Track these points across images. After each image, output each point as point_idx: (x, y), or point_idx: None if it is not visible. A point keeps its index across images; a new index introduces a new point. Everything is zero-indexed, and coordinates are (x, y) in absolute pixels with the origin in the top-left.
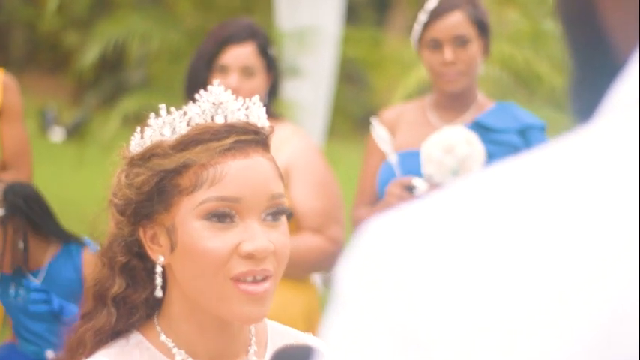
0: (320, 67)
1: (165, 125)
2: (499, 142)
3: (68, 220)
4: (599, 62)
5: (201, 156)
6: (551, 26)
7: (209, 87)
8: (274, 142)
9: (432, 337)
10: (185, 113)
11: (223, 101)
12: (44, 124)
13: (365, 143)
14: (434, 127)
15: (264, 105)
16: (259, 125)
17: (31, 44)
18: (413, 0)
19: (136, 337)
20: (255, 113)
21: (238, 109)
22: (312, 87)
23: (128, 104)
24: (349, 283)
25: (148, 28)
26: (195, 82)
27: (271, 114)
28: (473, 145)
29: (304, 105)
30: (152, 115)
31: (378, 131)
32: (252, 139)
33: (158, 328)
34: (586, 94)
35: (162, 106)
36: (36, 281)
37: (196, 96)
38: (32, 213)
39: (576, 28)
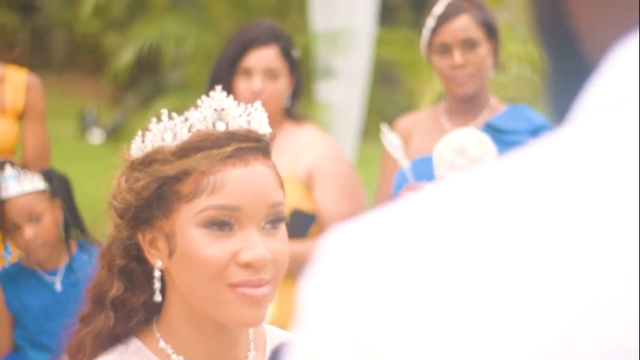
0: (354, 68)
1: (167, 130)
2: (511, 143)
3: (105, 220)
4: (572, 66)
5: (202, 163)
6: None
7: (211, 93)
8: (298, 144)
9: (390, 349)
10: (187, 119)
11: (225, 107)
12: (84, 125)
13: None
14: (447, 133)
15: (288, 107)
16: (261, 132)
17: (71, 46)
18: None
19: (135, 344)
20: (257, 119)
21: (240, 116)
22: (346, 88)
23: (165, 105)
24: (312, 296)
25: (183, 29)
26: (219, 85)
27: (295, 116)
28: (485, 146)
29: (338, 106)
30: (153, 119)
31: (389, 138)
32: (253, 146)
33: (157, 334)
34: (559, 98)
35: (164, 111)
36: (54, 281)
37: (198, 102)
38: (69, 200)
39: (548, 32)
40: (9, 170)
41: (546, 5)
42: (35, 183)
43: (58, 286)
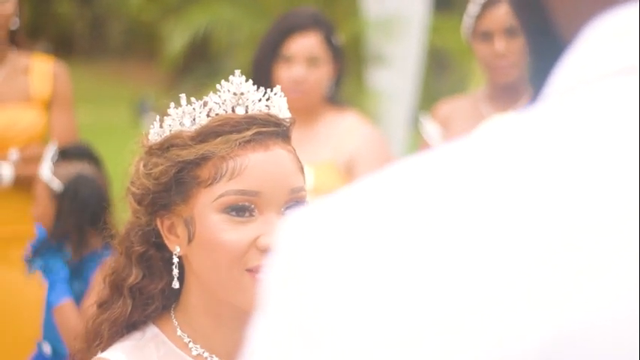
0: (407, 56)
1: (186, 115)
2: None
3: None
4: (548, 45)
5: (221, 148)
6: None
7: (230, 77)
8: (340, 131)
9: (337, 337)
10: (205, 103)
11: (244, 92)
12: (140, 112)
13: None
14: (486, 119)
15: (331, 95)
16: (280, 116)
17: (127, 34)
18: None
19: (151, 331)
20: (277, 104)
21: (259, 100)
22: (398, 75)
23: None
24: (268, 285)
25: (236, 16)
26: (261, 72)
27: (338, 103)
28: None
29: (390, 94)
30: (172, 104)
31: (427, 128)
32: (272, 131)
33: (175, 321)
34: (538, 81)
35: (182, 96)
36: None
37: (217, 86)
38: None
39: (525, 11)
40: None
41: None
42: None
43: None
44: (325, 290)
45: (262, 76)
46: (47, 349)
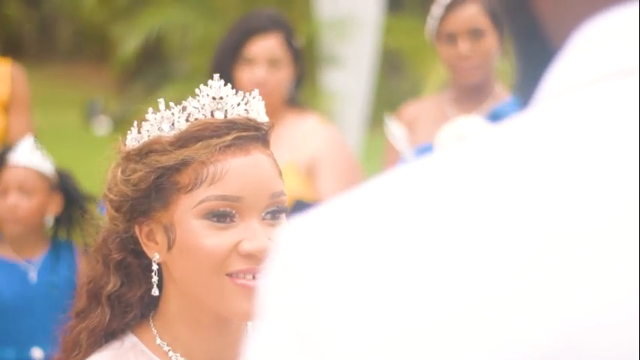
0: (360, 57)
1: (164, 120)
2: None
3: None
4: (537, 52)
5: (201, 153)
6: None
7: (209, 81)
8: (301, 133)
9: (341, 344)
10: (184, 108)
11: (223, 96)
12: (89, 115)
13: None
14: (451, 120)
15: (292, 96)
16: (259, 120)
17: (77, 36)
18: None
19: (130, 340)
20: (255, 108)
21: (238, 104)
22: (352, 77)
23: (171, 94)
24: (267, 292)
25: (189, 18)
26: (221, 74)
27: (298, 105)
28: None
29: (344, 94)
30: (150, 109)
31: (392, 129)
32: (252, 135)
33: (153, 329)
34: (526, 85)
35: (161, 101)
36: (29, 269)
37: (196, 90)
38: (72, 201)
39: (513, 16)
40: (30, 142)
41: None
42: (43, 165)
43: (33, 276)
44: (325, 295)
45: (222, 78)
46: (39, 354)
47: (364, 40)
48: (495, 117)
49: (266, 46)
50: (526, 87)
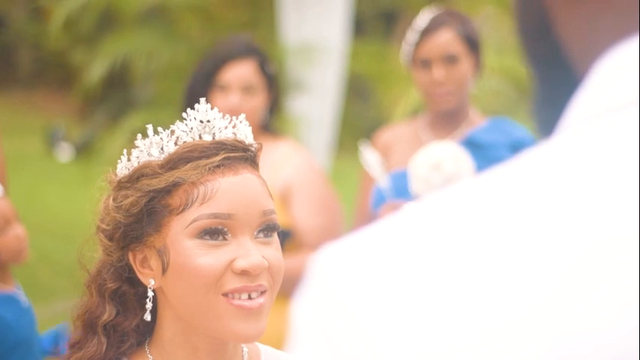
0: (326, 82)
1: (153, 145)
2: (490, 157)
3: (75, 238)
4: (559, 79)
5: (191, 174)
6: None
7: (196, 105)
8: (275, 159)
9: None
10: (173, 132)
11: (211, 119)
12: (51, 141)
13: None
14: (425, 145)
15: (265, 123)
16: (247, 143)
17: (38, 63)
18: (419, 13)
19: None
20: (243, 132)
21: (226, 127)
22: (318, 102)
23: (134, 121)
24: (303, 315)
25: (154, 44)
26: (195, 101)
27: (272, 131)
28: (460, 162)
29: (310, 120)
30: (139, 136)
31: (365, 156)
32: (241, 155)
33: (150, 356)
34: (547, 111)
35: (149, 127)
36: None
37: (184, 115)
38: None
39: (534, 43)
40: None
41: (531, 15)
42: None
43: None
44: (364, 316)
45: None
46: None
47: (330, 66)
48: (470, 142)
49: (240, 73)
50: (547, 112)
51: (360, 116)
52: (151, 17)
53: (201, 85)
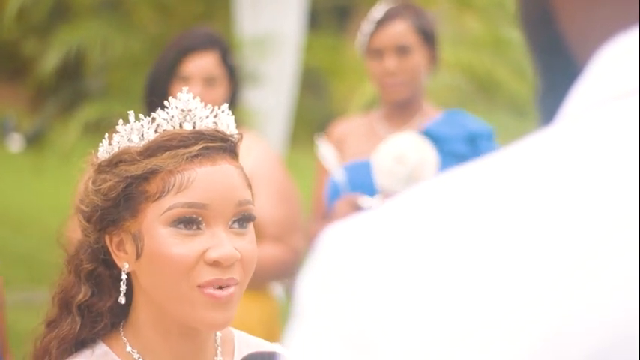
0: (281, 75)
1: (134, 132)
2: (446, 151)
3: (27, 229)
4: (561, 68)
5: (169, 162)
6: (511, 33)
7: (178, 94)
8: None
9: (386, 343)
10: (153, 120)
11: (192, 108)
12: (2, 132)
13: None
14: (381, 138)
15: None
16: (228, 133)
17: None
18: (373, 7)
19: (101, 348)
20: (224, 121)
21: (207, 117)
22: (273, 94)
23: (88, 113)
24: (308, 294)
25: (108, 35)
26: (156, 92)
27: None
28: (423, 152)
29: (265, 112)
30: (120, 121)
31: (321, 150)
32: (220, 146)
33: (124, 338)
34: (549, 101)
35: (131, 113)
36: None
37: (165, 103)
38: None
39: (537, 33)
40: None
41: (533, 4)
42: None
43: None
44: (367, 296)
45: (157, 96)
46: None
47: (284, 58)
48: (426, 135)
49: (202, 64)
50: (548, 102)
51: (314, 109)
52: (105, 7)
53: (162, 75)
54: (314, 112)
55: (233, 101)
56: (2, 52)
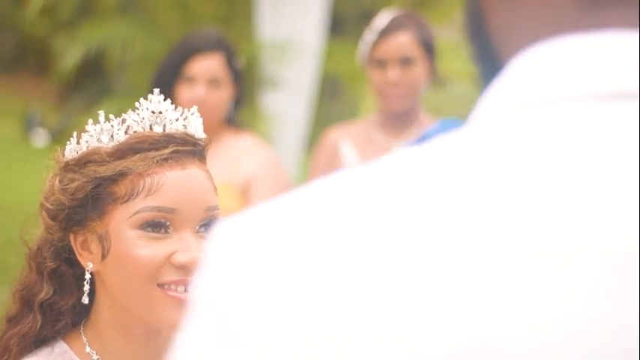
0: (300, 79)
1: (104, 132)
2: None
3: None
4: (492, 74)
5: (139, 165)
6: None
7: (149, 95)
8: (237, 152)
9: (258, 341)
10: (124, 121)
11: (162, 110)
12: (28, 126)
13: None
14: (377, 145)
15: (230, 116)
16: (197, 136)
17: (18, 48)
18: None
19: (60, 347)
20: (193, 124)
21: (177, 119)
22: (292, 99)
23: (110, 109)
24: (195, 289)
25: (130, 34)
26: (161, 92)
27: (236, 125)
28: None
29: (284, 117)
30: (90, 120)
31: (343, 151)
32: (190, 150)
33: (84, 338)
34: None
35: (101, 113)
36: None
37: (136, 104)
38: None
39: (473, 40)
40: None
41: (471, 13)
42: None
43: None
44: (252, 294)
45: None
46: None
47: (304, 64)
48: (422, 141)
49: (207, 66)
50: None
51: (335, 115)
52: (129, 7)
53: (167, 75)
54: (334, 118)
55: (238, 104)
56: (31, 48)
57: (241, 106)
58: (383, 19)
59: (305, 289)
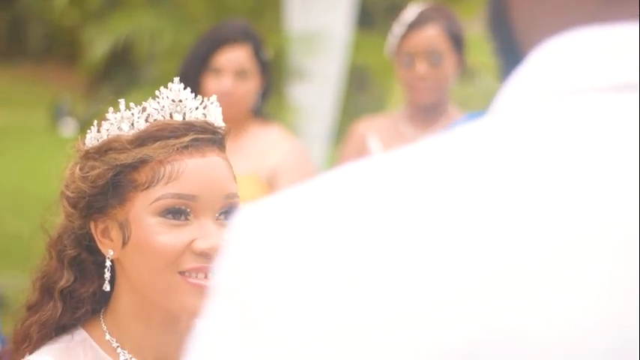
0: (328, 72)
1: (124, 120)
2: None
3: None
4: (514, 66)
5: (159, 152)
6: None
7: (169, 84)
8: (264, 144)
9: (275, 328)
10: (144, 109)
11: (182, 99)
12: (57, 115)
13: None
14: (405, 138)
15: (257, 108)
16: (216, 125)
17: (48, 38)
18: None
19: (80, 335)
20: (213, 112)
21: (197, 108)
22: (319, 91)
23: (138, 99)
24: (217, 275)
25: (159, 25)
26: (188, 83)
27: (262, 117)
28: None
29: (311, 109)
30: (110, 109)
31: (370, 144)
32: (209, 138)
33: (103, 325)
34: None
35: (122, 101)
36: None
37: (156, 92)
38: None
39: (495, 30)
40: None
41: (494, 6)
42: None
43: None
44: (274, 281)
45: (189, 87)
46: None
47: (332, 56)
48: None
49: (234, 57)
50: None
51: (361, 107)
52: None
53: (194, 66)
54: (362, 110)
55: (265, 95)
56: (60, 38)
57: (268, 97)
58: (412, 12)
59: (331, 276)
